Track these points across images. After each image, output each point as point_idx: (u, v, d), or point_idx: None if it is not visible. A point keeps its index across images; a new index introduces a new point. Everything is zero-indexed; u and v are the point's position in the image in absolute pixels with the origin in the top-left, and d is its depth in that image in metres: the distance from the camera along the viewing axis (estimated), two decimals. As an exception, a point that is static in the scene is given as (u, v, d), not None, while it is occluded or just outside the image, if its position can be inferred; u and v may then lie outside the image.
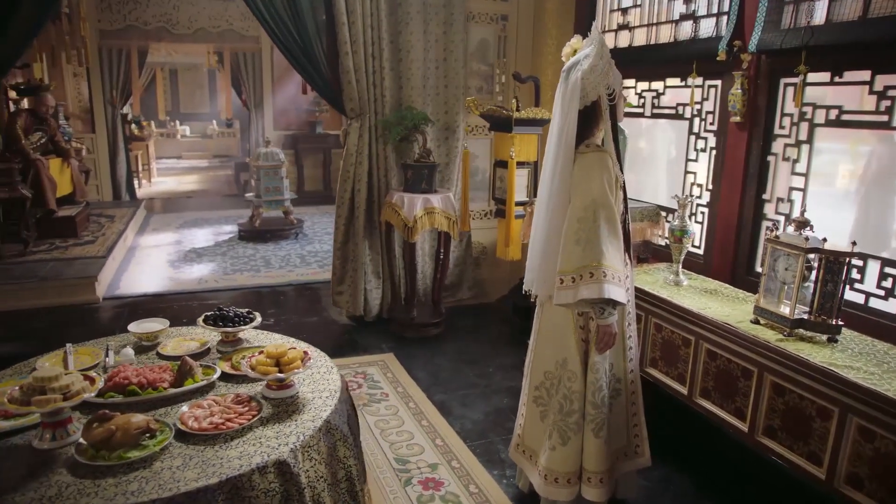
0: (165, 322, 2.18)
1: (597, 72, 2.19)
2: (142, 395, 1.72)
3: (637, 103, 4.11)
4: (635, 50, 4.08)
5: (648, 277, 3.10)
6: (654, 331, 2.91)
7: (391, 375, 3.86)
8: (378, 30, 4.32)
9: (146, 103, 14.63)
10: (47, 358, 1.97)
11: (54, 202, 5.98)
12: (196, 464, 1.46)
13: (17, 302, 4.73)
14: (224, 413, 1.63)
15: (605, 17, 4.40)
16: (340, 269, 4.70)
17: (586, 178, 2.18)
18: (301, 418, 1.67)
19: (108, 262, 5.46)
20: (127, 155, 8.99)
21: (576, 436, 2.33)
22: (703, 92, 3.59)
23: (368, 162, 4.51)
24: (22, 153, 5.75)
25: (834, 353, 2.21)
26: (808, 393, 2.16)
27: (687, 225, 2.91)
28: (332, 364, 2.00)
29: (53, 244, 5.84)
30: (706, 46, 3.41)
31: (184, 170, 13.88)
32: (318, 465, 1.61)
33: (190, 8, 8.70)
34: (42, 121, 6.17)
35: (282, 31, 4.16)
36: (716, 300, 2.77)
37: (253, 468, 1.45)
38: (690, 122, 3.70)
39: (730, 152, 3.39)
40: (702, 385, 2.65)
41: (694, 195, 3.54)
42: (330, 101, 4.46)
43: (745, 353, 2.41)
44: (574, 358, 2.32)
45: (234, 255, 6.63)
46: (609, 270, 2.10)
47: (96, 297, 4.97)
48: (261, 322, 2.15)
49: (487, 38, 4.80)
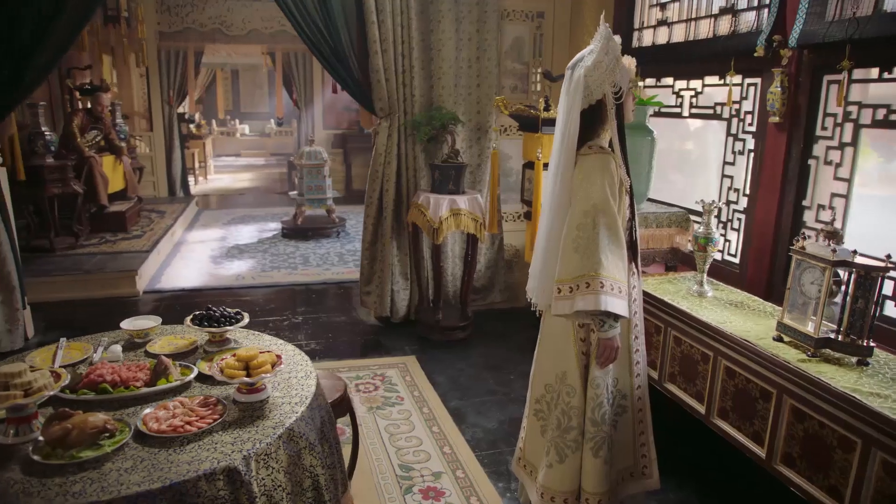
0: (158, 319, 2.19)
1: (601, 69, 2.05)
2: (113, 393, 1.72)
3: (675, 103, 3.90)
4: (673, 47, 3.88)
5: (671, 287, 2.92)
6: (674, 344, 2.74)
7: (409, 379, 3.80)
8: (408, 28, 4.27)
9: (207, 103, 15.17)
10: (38, 352, 2.00)
11: (106, 198, 6.23)
12: (145, 467, 1.43)
13: (64, 293, 4.94)
14: (186, 415, 1.61)
15: (644, 13, 4.20)
16: (368, 269, 4.69)
17: (587, 182, 2.05)
18: (263, 424, 1.62)
19: (151, 256, 5.64)
20: (182, 152, 9.30)
21: (573, 454, 2.20)
22: (742, 91, 3.37)
23: (397, 162, 4.47)
24: (77, 150, 6.02)
25: (861, 377, 2.00)
26: (828, 420, 1.96)
27: (712, 232, 2.73)
28: (311, 369, 1.95)
29: (104, 238, 6.09)
30: (745, 42, 3.19)
31: (241, 167, 14.30)
32: (276, 473, 1.56)
33: (244, 10, 8.92)
34: (98, 120, 6.44)
35: (311, 30, 4.17)
36: (740, 314, 2.58)
37: (200, 474, 1.41)
38: (728, 123, 3.48)
39: (768, 155, 3.17)
40: (719, 405, 2.47)
41: (723, 201, 3.32)
42: (360, 100, 4.44)
43: (763, 373, 2.22)
44: (573, 372, 2.19)
45: (274, 252, 6.74)
46: (608, 280, 1.96)
47: (136, 290, 5.13)
48: (248, 322, 2.11)
49: (523, 35, 4.67)
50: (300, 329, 4.58)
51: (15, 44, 3.70)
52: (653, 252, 3.22)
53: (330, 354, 4.15)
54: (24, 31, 3.69)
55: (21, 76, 3.77)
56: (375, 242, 4.62)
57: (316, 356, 4.13)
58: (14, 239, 3.98)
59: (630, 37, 4.31)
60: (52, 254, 5.47)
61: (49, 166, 5.37)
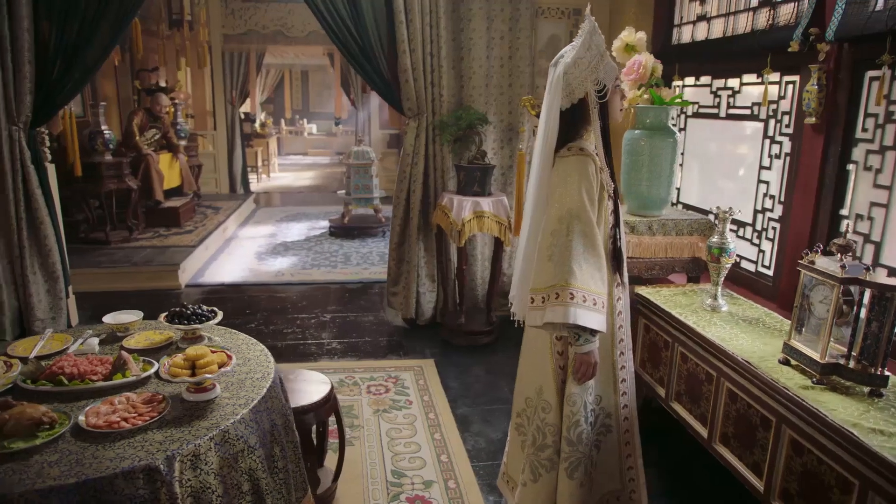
0: (139, 314, 2.23)
1: (582, 65, 1.92)
2: (68, 385, 1.75)
3: (712, 103, 3.66)
4: (710, 43, 3.63)
5: (684, 299, 2.73)
6: (681, 361, 2.55)
7: (423, 383, 3.74)
8: (436, 27, 4.21)
9: (276, 102, 15.68)
10: (24, 341, 2.08)
11: (161, 193, 6.52)
12: (69, 461, 1.44)
13: (113, 284, 5.19)
14: (127, 411, 1.61)
15: (684, 8, 3.96)
16: (395, 270, 4.67)
17: (562, 185, 1.93)
18: (199, 425, 1.61)
19: (197, 251, 5.85)
20: (243, 151, 9.63)
21: (548, 473, 2.08)
22: (780, 89, 3.11)
23: (424, 162, 4.42)
24: (136, 148, 6.33)
25: (869, 410, 1.78)
26: (826, 457, 1.76)
27: (727, 242, 2.52)
28: (270, 371, 1.92)
29: (157, 232, 6.37)
30: (782, 36, 2.93)
31: (305, 166, 14.67)
32: (205, 475, 1.54)
33: (304, 12, 9.10)
34: (156, 119, 6.75)
35: (340, 28, 4.18)
36: (751, 332, 2.36)
37: (117, 472, 1.41)
38: (765, 124, 3.22)
39: (804, 159, 2.90)
40: (721, 430, 2.27)
41: (759, 208, 3.07)
42: (388, 99, 4.42)
43: (764, 399, 2.02)
44: (550, 387, 2.07)
45: (318, 250, 6.85)
46: (579, 291, 1.83)
47: (179, 283, 5.33)
48: (219, 320, 2.11)
49: (558, 34, 4.52)
50: (326, 327, 4.62)
51: (63, 44, 3.91)
52: (672, 261, 3.01)
53: (349, 354, 4.16)
54: (71, 32, 3.89)
55: (69, 76, 3.98)
56: (403, 243, 4.59)
57: (335, 355, 4.14)
58: (60, 231, 4.20)
59: (670, 34, 4.08)
60: (108, 246, 5.77)
61: (105, 163, 5.67)
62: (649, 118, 2.99)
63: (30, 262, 4.01)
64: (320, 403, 2.48)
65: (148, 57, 8.15)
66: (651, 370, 2.80)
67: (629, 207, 3.12)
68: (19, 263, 3.97)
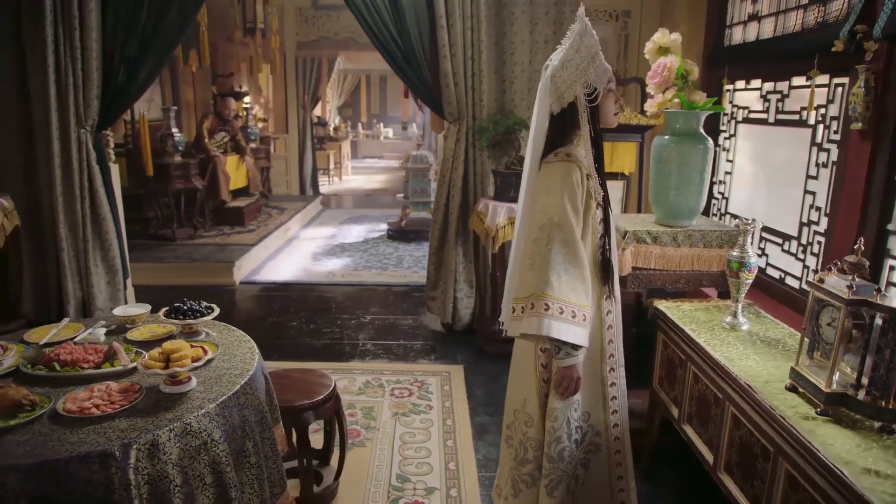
0: (147, 308, 2.35)
1: (570, 68, 1.85)
2: (59, 371, 1.87)
3: (762, 107, 3.43)
4: (760, 44, 3.41)
5: (704, 315, 2.56)
6: (692, 381, 2.40)
7: (447, 389, 3.72)
8: (477, 32, 4.19)
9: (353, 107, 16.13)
10: (41, 328, 2.23)
11: (227, 194, 6.85)
12: (36, 442, 1.53)
13: (173, 279, 5.50)
14: (101, 399, 1.70)
15: (735, 7, 3.74)
16: (434, 274, 4.67)
17: (545, 192, 1.87)
18: (164, 416, 1.67)
19: (254, 250, 6.10)
20: (314, 154, 9.95)
21: (528, 489, 2.01)
22: (829, 92, 2.87)
23: (464, 167, 4.41)
24: (205, 150, 6.68)
25: (872, 447, 1.60)
26: (819, 496, 1.60)
27: (747, 256, 2.34)
28: (250, 368, 1.96)
29: (221, 230, 6.69)
30: (831, 35, 2.71)
31: (379, 169, 14.99)
32: (162, 465, 1.59)
33: (373, 19, 9.33)
34: (226, 122, 7.10)
35: (383, 34, 4.25)
36: (766, 353, 2.19)
37: (74, 455, 1.49)
38: (813, 131, 2.98)
39: (850, 168, 2.67)
40: (726, 457, 2.12)
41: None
42: (429, 104, 4.44)
43: (763, 427, 1.87)
44: (532, 400, 2.00)
45: (373, 252, 6.97)
46: (555, 303, 1.76)
47: (233, 280, 5.57)
48: (215, 316, 2.19)
49: (606, 36, 4.39)
50: (364, 329, 4.68)
51: (126, 53, 4.19)
52: (699, 274, 2.84)
53: (381, 356, 4.20)
54: (133, 43, 4.16)
55: (131, 82, 4.26)
56: (442, 248, 4.60)
57: (367, 356, 4.19)
58: (121, 227, 4.49)
59: (721, 35, 3.86)
60: (173, 242, 6.12)
61: (174, 164, 6.02)
62: (679, 123, 2.84)
63: (92, 255, 4.31)
64: (320, 402, 2.52)
65: (226, 63, 8.61)
66: (667, 389, 2.66)
67: (656, 217, 2.97)
68: (83, 256, 4.28)
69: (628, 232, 2.79)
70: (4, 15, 4.01)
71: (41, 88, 4.02)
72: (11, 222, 3.97)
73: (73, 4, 3.94)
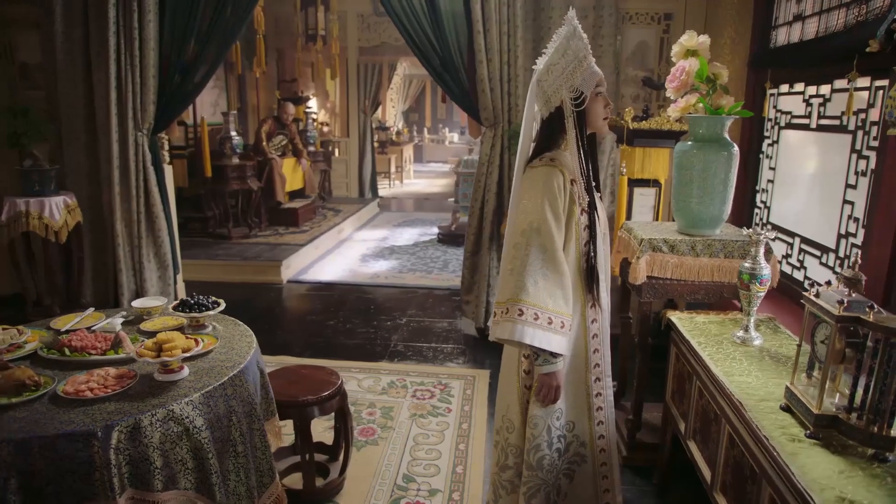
0: (163, 300, 2.49)
1: (555, 72, 1.84)
2: (69, 356, 2.01)
3: (804, 112, 3.25)
4: (802, 45, 3.24)
5: (716, 329, 2.46)
6: (697, 396, 2.31)
7: (469, 393, 3.72)
8: (514, 37, 4.18)
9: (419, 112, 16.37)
10: (68, 316, 2.41)
11: (283, 195, 7.11)
12: (31, 420, 1.66)
13: (224, 276, 5.76)
14: (97, 383, 1.82)
15: (781, 8, 3.56)
16: (469, 278, 4.68)
17: (527, 197, 1.85)
18: (150, 402, 1.77)
19: (304, 250, 6.29)
20: (373, 157, 10.16)
21: (508, 496, 2.00)
22: (870, 96, 2.70)
23: (499, 172, 4.41)
24: (263, 153, 6.97)
25: (857, 475, 1.49)
26: (795, 522, 1.51)
27: (759, 267, 2.23)
28: (242, 361, 2.05)
29: (276, 230, 6.95)
30: (869, 34, 2.54)
31: (441, 173, 15.11)
32: (143, 447, 1.69)
33: (434, 25, 9.45)
34: (284, 126, 7.38)
35: (422, 40, 4.31)
36: (771, 370, 2.07)
37: (60, 433, 1.60)
38: (853, 136, 2.81)
39: (886, 177, 2.50)
40: (722, 477, 2.03)
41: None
42: (465, 108, 4.46)
43: (752, 448, 1.78)
44: (514, 406, 1.99)
45: (421, 255, 7.04)
46: (530, 309, 1.75)
47: (280, 279, 5.78)
48: (220, 310, 2.30)
49: (647, 40, 4.28)
50: (398, 330, 4.75)
51: (181, 60, 4.44)
52: (720, 286, 2.71)
53: (410, 358, 4.24)
54: (187, 50, 4.41)
55: (184, 88, 4.51)
56: (476, 252, 4.60)
57: (396, 357, 4.25)
58: (173, 225, 4.75)
59: (767, 36, 3.68)
60: (228, 241, 6.41)
61: (231, 165, 6.31)
62: (702, 129, 2.73)
63: (146, 250, 4.58)
64: (324, 398, 2.59)
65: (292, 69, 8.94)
66: (678, 403, 2.56)
67: (678, 226, 2.87)
68: (137, 251, 4.56)
69: (644, 240, 2.71)
70: (76, 27, 4.34)
71: (103, 95, 4.32)
72: (74, 218, 4.29)
73: (134, 17, 4.21)
